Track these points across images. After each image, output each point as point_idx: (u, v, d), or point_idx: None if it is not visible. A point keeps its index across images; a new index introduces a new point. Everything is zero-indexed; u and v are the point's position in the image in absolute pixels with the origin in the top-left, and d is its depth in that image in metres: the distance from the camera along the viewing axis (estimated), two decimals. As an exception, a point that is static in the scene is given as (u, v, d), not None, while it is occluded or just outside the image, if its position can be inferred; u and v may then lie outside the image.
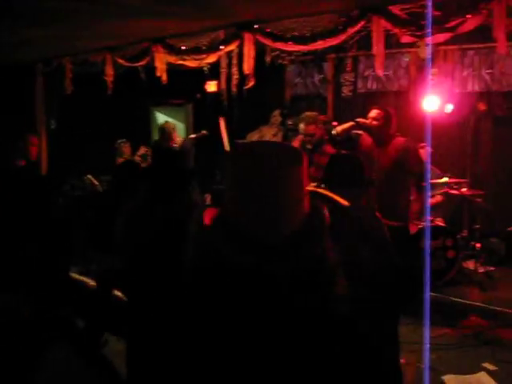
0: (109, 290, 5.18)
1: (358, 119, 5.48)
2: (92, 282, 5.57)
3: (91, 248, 5.38)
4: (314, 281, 1.44)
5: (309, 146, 5.76)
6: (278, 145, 1.59)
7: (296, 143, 5.99)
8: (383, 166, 5.27)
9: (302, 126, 5.84)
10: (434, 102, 6.96)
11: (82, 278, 5.44)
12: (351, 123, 5.55)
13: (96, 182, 7.68)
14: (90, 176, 7.73)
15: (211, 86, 8.28)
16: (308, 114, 6.02)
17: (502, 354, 4.74)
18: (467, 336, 5.12)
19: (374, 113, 5.38)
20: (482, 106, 7.69)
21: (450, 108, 7.26)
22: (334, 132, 5.79)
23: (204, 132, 7.75)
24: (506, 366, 4.53)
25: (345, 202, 2.30)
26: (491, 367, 4.53)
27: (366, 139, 5.51)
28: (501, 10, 3.90)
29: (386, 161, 5.28)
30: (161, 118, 10.89)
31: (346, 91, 9.15)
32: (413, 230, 5.70)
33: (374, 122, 5.33)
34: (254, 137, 9.46)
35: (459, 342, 4.99)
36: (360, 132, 5.59)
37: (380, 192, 4.92)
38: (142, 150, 8.48)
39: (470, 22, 4.13)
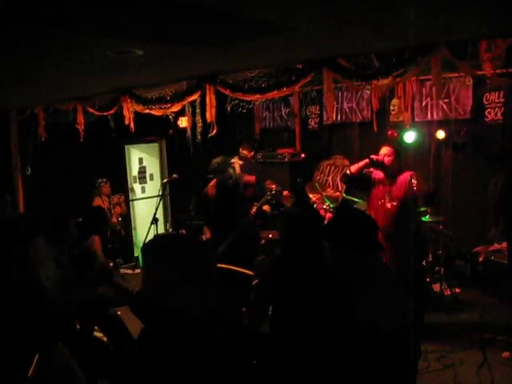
0: (90, 331, 5.32)
1: (372, 156, 5.80)
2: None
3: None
4: None
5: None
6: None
7: None
8: (397, 196, 5.70)
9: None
10: (395, 132, 7.25)
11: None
12: (366, 161, 5.86)
13: None
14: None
15: (183, 122, 8.60)
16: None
17: (463, 376, 4.99)
18: (430, 360, 5.35)
19: (385, 150, 5.81)
20: (441, 134, 7.99)
21: (411, 136, 7.51)
22: (347, 172, 6.19)
23: (175, 176, 8.17)
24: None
25: (249, 272, 2.59)
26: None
27: (378, 173, 5.89)
28: (437, 62, 4.20)
29: (398, 191, 5.70)
30: (135, 154, 11.13)
31: (312, 123, 9.50)
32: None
33: (387, 158, 5.74)
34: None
35: (422, 367, 5.14)
36: (370, 169, 5.95)
37: (395, 218, 5.63)
38: (116, 199, 8.79)
39: (410, 74, 4.45)
